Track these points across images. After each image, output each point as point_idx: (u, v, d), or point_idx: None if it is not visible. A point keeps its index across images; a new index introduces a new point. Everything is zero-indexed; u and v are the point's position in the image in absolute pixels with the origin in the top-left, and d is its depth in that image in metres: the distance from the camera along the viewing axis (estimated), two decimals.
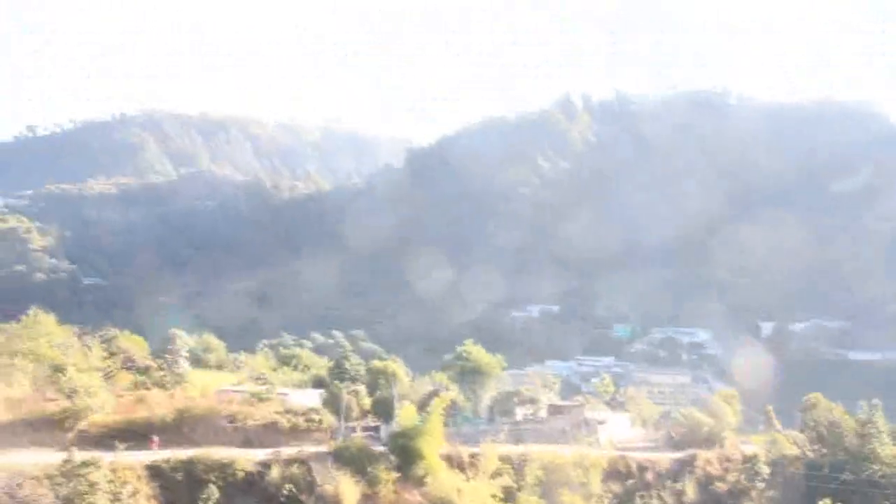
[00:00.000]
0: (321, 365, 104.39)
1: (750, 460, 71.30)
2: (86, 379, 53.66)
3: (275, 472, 46.92)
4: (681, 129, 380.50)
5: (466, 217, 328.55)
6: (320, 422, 59.49)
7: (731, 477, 69.84)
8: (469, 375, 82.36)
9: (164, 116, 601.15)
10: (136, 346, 79.61)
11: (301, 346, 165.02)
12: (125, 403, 57.30)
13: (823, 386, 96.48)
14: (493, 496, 53.97)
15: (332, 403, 66.43)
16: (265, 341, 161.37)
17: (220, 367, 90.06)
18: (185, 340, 79.80)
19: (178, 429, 52.51)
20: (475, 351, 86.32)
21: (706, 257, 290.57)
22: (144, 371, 70.59)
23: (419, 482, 52.91)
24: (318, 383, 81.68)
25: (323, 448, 53.23)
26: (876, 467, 68.27)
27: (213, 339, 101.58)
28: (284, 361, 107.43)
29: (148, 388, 62.96)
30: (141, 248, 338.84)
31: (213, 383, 70.86)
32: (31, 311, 68.60)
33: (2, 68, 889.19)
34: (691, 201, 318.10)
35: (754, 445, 77.14)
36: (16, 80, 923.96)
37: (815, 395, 77.53)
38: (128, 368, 69.60)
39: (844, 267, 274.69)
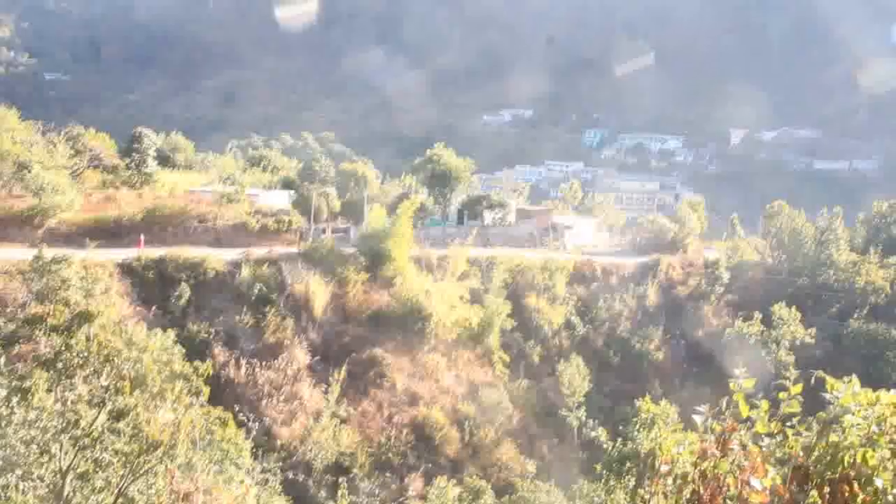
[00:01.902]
0: (291, 166, 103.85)
1: (711, 265, 72.96)
2: (52, 176, 53.13)
3: (245, 272, 47.54)
4: None
5: (440, 19, 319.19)
6: (290, 223, 59.84)
7: (692, 281, 71.57)
8: (439, 179, 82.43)
9: None
10: (102, 144, 78.32)
11: (270, 147, 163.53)
12: (94, 202, 57.16)
13: (789, 194, 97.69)
14: (461, 297, 55.25)
15: (302, 205, 66.67)
16: (234, 141, 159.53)
17: (188, 167, 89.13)
18: (152, 139, 78.42)
19: (148, 228, 52.65)
20: (445, 154, 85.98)
21: (683, 65, 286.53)
22: (112, 170, 69.92)
23: (388, 283, 53.97)
24: (287, 185, 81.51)
25: (293, 249, 53.83)
26: (831, 272, 70.38)
27: (181, 139, 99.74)
28: (254, 162, 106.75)
29: (116, 188, 62.62)
30: (104, 43, 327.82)
31: (181, 183, 70.51)
32: None
33: None
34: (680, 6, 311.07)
35: (717, 251, 78.74)
36: None
37: (779, 203, 78.53)
38: (95, 167, 68.85)
39: (819, 76, 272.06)
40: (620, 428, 36.18)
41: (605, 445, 31.29)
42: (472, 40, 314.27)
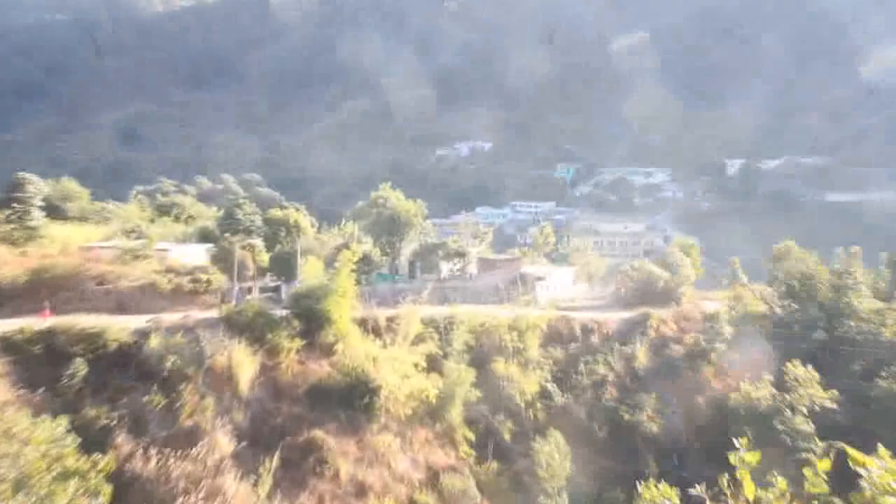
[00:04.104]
0: (209, 215, 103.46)
1: (710, 319, 73.18)
2: None
3: (155, 343, 46.59)
4: None
5: (384, 38, 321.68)
6: (209, 282, 59.29)
7: (688, 338, 71.74)
8: (386, 225, 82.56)
9: None
10: None
11: (184, 192, 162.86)
12: None
13: (797, 232, 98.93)
14: (415, 365, 54.77)
15: (223, 260, 66.13)
16: (139, 187, 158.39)
17: (84, 218, 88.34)
18: (38, 186, 77.50)
19: (34, 293, 51.69)
20: (393, 196, 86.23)
21: (666, 87, 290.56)
22: None
23: (328, 350, 53.39)
24: (205, 237, 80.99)
25: (212, 313, 53.13)
26: (852, 323, 70.48)
27: (74, 185, 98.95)
28: (164, 211, 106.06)
29: None
30: None
31: (76, 238, 69.76)
32: None
33: None
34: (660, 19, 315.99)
35: (716, 302, 79.13)
36: None
37: (787, 244, 79.23)
38: None
39: (825, 95, 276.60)
40: None
41: None
42: (422, 64, 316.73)
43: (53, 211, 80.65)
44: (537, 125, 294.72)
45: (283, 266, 71.32)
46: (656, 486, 12.66)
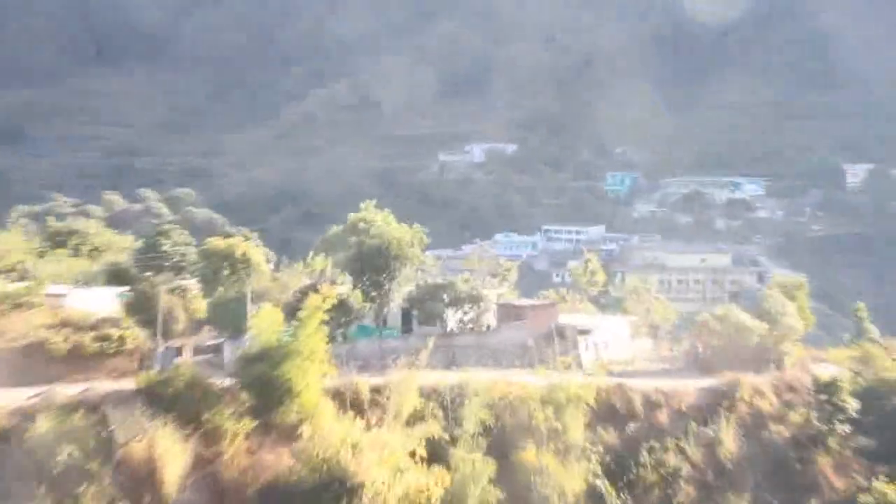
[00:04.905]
0: (123, 246, 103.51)
1: (826, 389, 72.64)
2: None
3: (44, 427, 46.23)
4: None
5: (365, 7, 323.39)
6: (122, 340, 59.04)
7: (794, 416, 71.24)
8: (370, 259, 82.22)
9: None
10: None
11: (87, 214, 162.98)
12: None
13: None
14: (412, 454, 54.23)
15: (142, 310, 65.92)
16: (23, 207, 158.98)
17: None
18: None
19: None
20: (381, 219, 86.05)
21: (756, 61, 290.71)
22: None
23: (289, 435, 52.96)
24: (117, 277, 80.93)
25: (127, 384, 52.79)
26: None
27: None
28: (58, 241, 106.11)
29: None
30: None
31: None
32: None
33: None
34: None
35: (834, 365, 78.66)
36: None
37: None
38: None
39: None
40: None
41: None
42: (421, 40, 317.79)
43: None
44: (576, 120, 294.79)
45: (227, 317, 71.07)
46: None
